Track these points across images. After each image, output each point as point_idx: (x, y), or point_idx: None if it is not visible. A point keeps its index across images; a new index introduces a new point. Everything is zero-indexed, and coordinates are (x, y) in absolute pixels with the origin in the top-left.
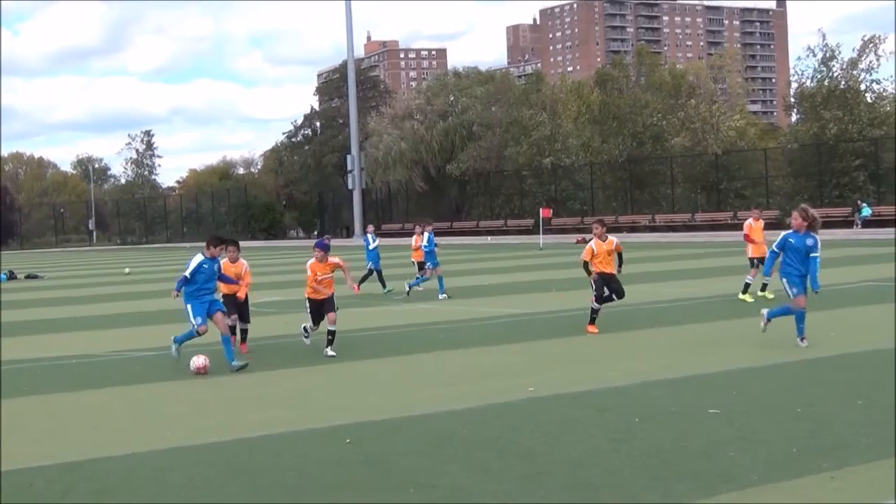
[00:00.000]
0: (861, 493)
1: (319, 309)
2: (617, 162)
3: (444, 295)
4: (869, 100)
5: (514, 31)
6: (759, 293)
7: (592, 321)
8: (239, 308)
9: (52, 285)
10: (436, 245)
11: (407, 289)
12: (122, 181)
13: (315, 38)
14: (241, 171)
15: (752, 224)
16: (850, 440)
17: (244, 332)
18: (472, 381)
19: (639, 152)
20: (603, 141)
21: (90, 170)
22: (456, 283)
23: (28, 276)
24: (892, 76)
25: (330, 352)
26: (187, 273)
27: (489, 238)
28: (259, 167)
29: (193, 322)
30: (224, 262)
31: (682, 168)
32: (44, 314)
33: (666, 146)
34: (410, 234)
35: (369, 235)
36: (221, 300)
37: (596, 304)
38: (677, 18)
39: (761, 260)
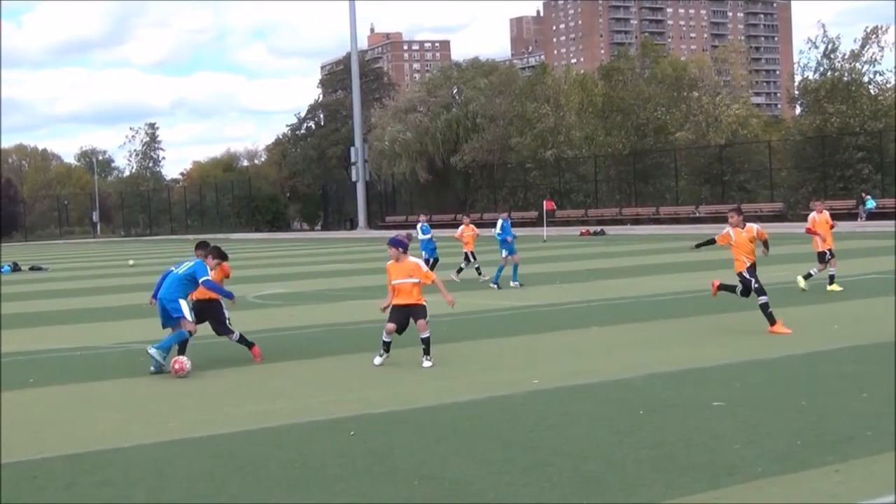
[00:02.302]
0: (865, 485)
1: (406, 314)
2: (620, 154)
3: (517, 283)
4: (872, 92)
5: (517, 24)
6: (828, 287)
7: (771, 319)
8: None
9: (56, 277)
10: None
11: (493, 285)
12: (126, 173)
13: (318, 31)
14: (244, 163)
15: (816, 217)
16: (854, 433)
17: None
18: (476, 374)
19: (642, 145)
20: (607, 134)
21: (94, 162)
22: (460, 275)
23: (32, 268)
24: (893, 68)
25: (426, 362)
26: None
27: (493, 230)
28: (263, 159)
29: (190, 317)
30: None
31: (686, 160)
32: (47, 306)
33: (670, 139)
34: (415, 227)
35: (424, 225)
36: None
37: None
38: (681, 10)
39: (832, 252)
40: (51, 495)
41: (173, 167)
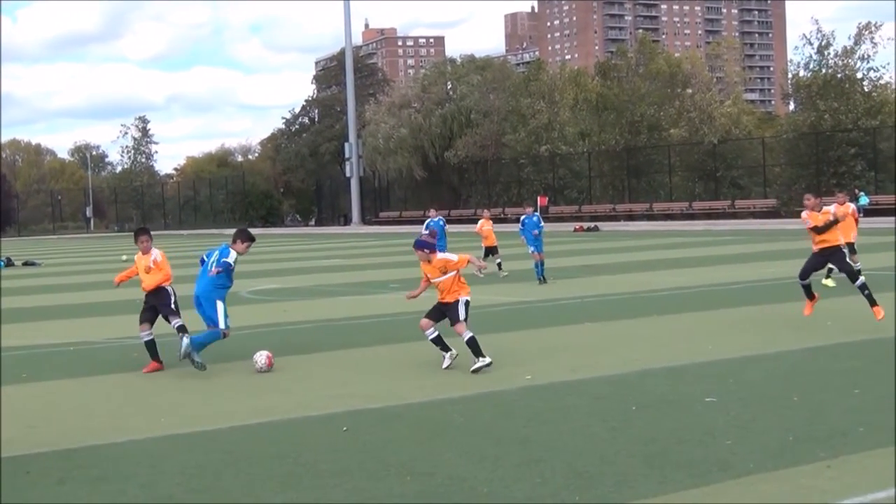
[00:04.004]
0: (857, 481)
1: (443, 312)
2: (614, 151)
3: (540, 279)
4: (866, 88)
5: (512, 20)
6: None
7: (811, 297)
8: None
9: (50, 272)
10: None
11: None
12: (119, 169)
13: (314, 26)
14: (239, 158)
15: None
16: (846, 429)
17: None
18: (469, 370)
19: (636, 141)
20: (601, 130)
21: (88, 157)
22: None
23: (25, 263)
24: (888, 64)
25: (478, 363)
26: (231, 260)
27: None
28: (257, 154)
29: (224, 323)
30: (138, 254)
31: (680, 157)
32: (41, 301)
33: (663, 135)
34: (409, 222)
35: (437, 219)
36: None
37: (802, 281)
38: (675, 7)
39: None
40: (44, 490)
41: (169, 162)
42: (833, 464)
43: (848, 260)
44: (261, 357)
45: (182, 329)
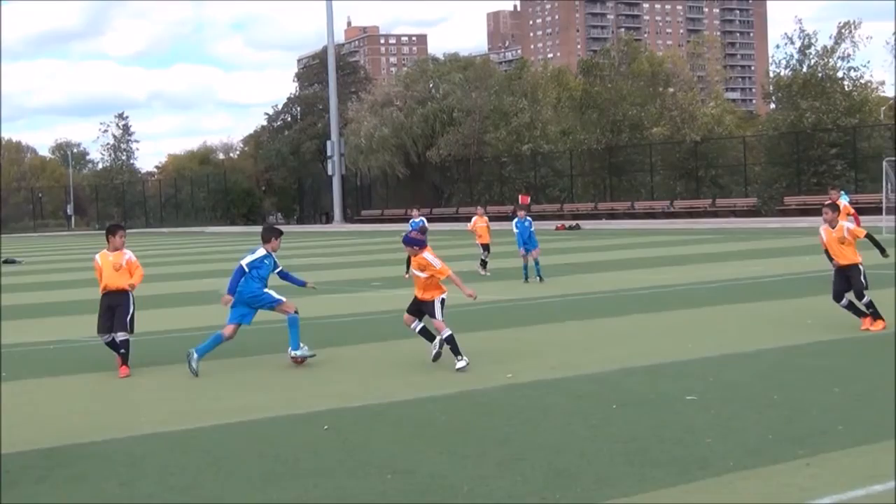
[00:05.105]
0: (836, 479)
1: (418, 307)
2: (596, 149)
3: (538, 278)
4: (846, 87)
5: (494, 18)
6: None
7: (862, 315)
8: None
9: (30, 270)
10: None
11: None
12: (100, 167)
13: (296, 24)
14: (220, 156)
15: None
16: (825, 427)
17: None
18: (451, 368)
19: (617, 140)
20: (583, 129)
21: (69, 154)
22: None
23: (6, 261)
24: (869, 62)
25: (459, 363)
26: (243, 263)
27: (469, 224)
28: (238, 152)
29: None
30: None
31: (661, 155)
32: (21, 299)
33: (645, 134)
34: (391, 220)
35: (419, 220)
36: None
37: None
38: (657, 6)
39: None
40: (23, 489)
41: (151, 160)
42: (812, 462)
43: (862, 278)
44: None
45: (125, 345)
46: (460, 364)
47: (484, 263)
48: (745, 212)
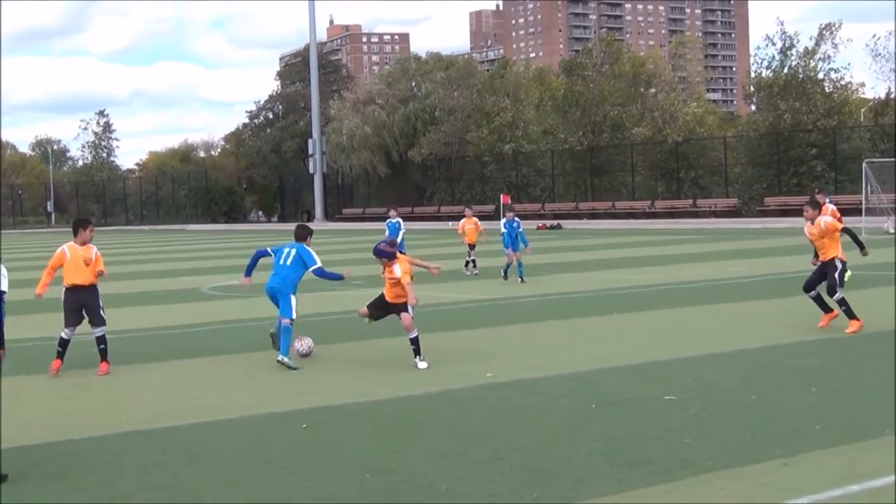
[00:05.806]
0: (814, 479)
1: (387, 309)
2: (578, 150)
3: (519, 278)
4: (827, 89)
5: (477, 17)
6: None
7: (827, 310)
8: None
9: (9, 267)
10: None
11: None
12: (80, 164)
13: (278, 22)
14: (201, 154)
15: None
16: (803, 427)
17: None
18: (431, 367)
19: (599, 141)
20: (565, 129)
21: (49, 151)
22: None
23: None
24: (849, 64)
25: (420, 363)
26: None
27: (451, 223)
28: (220, 150)
29: (294, 314)
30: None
31: (642, 156)
32: None
33: (626, 134)
34: (372, 219)
35: (396, 220)
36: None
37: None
38: (639, 6)
39: None
40: (1, 487)
41: (132, 157)
42: (790, 461)
43: (837, 275)
44: (303, 345)
45: (103, 340)
46: (422, 365)
47: (471, 263)
48: (725, 212)
